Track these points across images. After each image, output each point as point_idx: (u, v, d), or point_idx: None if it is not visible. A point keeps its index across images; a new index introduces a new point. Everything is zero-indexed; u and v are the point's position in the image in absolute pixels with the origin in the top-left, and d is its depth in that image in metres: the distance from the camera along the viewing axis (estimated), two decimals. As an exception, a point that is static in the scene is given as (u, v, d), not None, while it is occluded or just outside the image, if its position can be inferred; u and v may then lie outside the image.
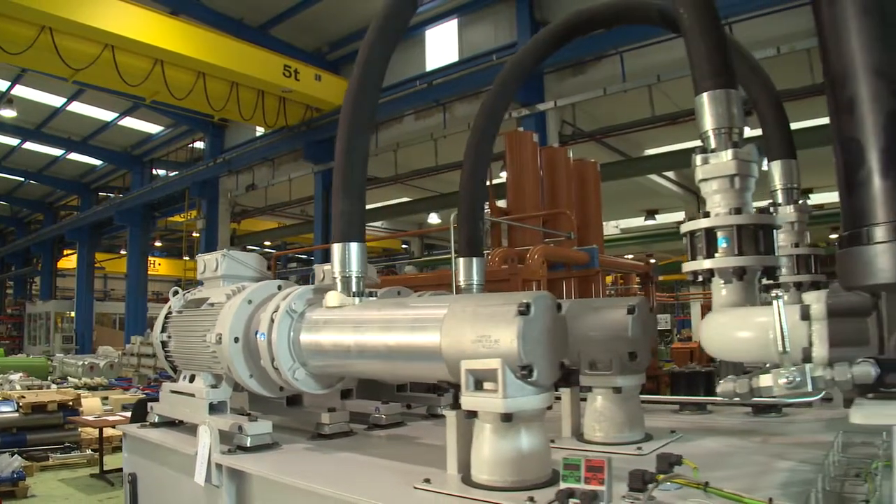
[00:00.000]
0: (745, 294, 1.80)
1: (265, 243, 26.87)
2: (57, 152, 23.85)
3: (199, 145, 21.68)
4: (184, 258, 21.51)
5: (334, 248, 2.57)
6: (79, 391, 12.12)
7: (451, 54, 15.29)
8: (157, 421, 3.45)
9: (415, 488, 1.98)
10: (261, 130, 18.06)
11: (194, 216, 20.20)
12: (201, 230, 19.82)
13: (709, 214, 1.86)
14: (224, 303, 3.01)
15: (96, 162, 25.02)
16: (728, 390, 1.57)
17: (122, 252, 26.59)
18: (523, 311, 1.81)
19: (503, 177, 10.36)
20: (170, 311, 3.47)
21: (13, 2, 10.62)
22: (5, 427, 9.15)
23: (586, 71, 12.89)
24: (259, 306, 2.85)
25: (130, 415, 4.34)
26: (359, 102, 2.58)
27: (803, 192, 3.02)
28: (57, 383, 14.39)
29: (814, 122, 9.93)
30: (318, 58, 16.81)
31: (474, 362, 1.88)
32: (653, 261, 16.88)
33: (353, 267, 2.54)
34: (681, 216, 19.67)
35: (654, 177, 17.19)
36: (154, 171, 23.79)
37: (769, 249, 1.81)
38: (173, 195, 21.03)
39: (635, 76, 11.67)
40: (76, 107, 19.75)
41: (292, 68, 14.77)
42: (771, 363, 1.54)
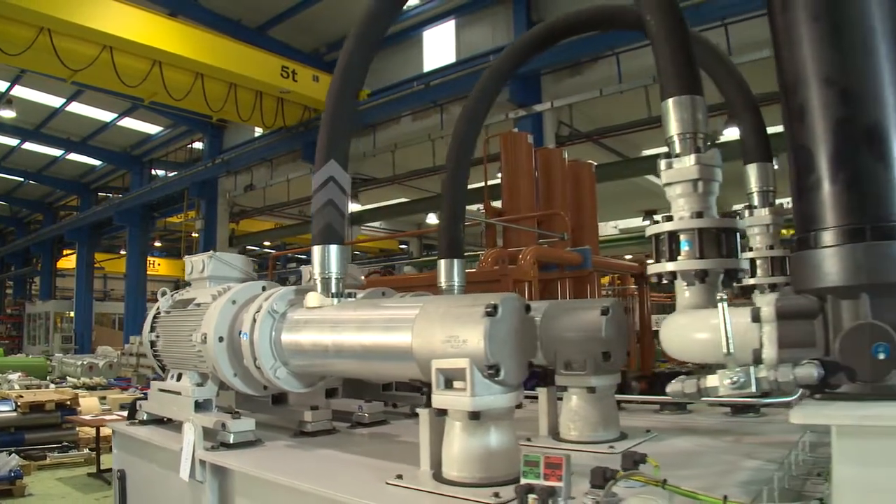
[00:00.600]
0: (708, 296, 1.85)
1: (265, 243, 26.93)
2: (56, 152, 23.92)
3: (199, 146, 21.75)
4: (183, 258, 21.56)
5: (314, 250, 2.62)
6: (77, 391, 12.17)
7: (448, 55, 15.35)
8: (145, 419, 3.50)
9: (387, 484, 2.03)
10: (259, 131, 18.12)
11: (193, 216, 20.26)
12: (200, 230, 19.89)
13: (672, 218, 1.90)
14: (210, 303, 3.06)
15: (96, 162, 25.10)
16: (676, 390, 1.62)
17: (122, 252, 26.65)
18: (490, 312, 1.86)
19: (499, 177, 10.39)
20: (158, 312, 3.52)
21: (12, 3, 10.68)
22: (3, 426, 9.21)
23: (583, 72, 12.94)
24: (243, 307, 2.91)
25: (127, 414, 4.39)
26: (338, 108, 2.63)
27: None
28: (56, 383, 14.43)
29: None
30: (315, 59, 16.87)
31: (444, 362, 1.93)
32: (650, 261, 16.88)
33: (333, 268, 2.59)
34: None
35: (652, 177, 17.22)
36: (153, 172, 23.85)
37: (731, 252, 1.85)
38: (172, 195, 21.08)
39: (631, 77, 11.72)
40: (75, 107, 19.82)
41: (290, 69, 14.83)
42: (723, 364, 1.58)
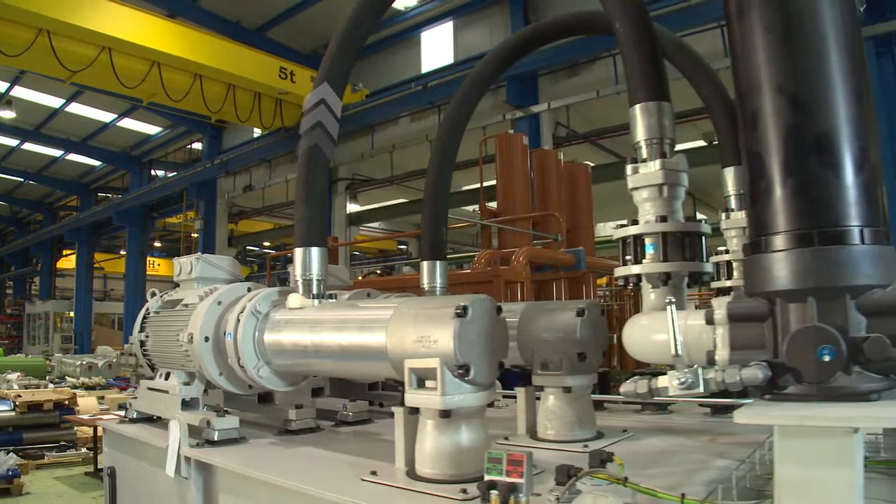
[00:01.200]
0: (673, 298, 1.89)
1: (264, 244, 27.00)
2: (56, 153, 24.00)
3: (198, 146, 21.82)
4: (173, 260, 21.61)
5: (296, 253, 2.67)
6: (75, 391, 12.22)
7: (446, 56, 15.42)
8: (135, 417, 3.56)
9: (362, 480, 2.08)
10: (258, 132, 18.19)
11: (192, 217, 20.33)
12: (199, 231, 19.95)
13: (637, 222, 1.95)
14: (197, 304, 3.11)
15: (95, 162, 25.17)
16: (629, 391, 1.66)
17: (122, 252, 26.72)
18: (460, 313, 1.91)
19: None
20: (147, 312, 3.57)
21: (11, 5, 10.74)
22: (1, 425, 9.27)
23: (580, 73, 12.99)
24: (228, 307, 2.96)
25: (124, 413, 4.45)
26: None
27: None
28: (55, 383, 14.46)
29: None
30: (314, 60, 16.93)
31: (416, 361, 1.98)
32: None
33: (314, 270, 2.64)
34: (677, 218, 19.70)
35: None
36: (153, 172, 23.93)
37: (695, 256, 1.90)
38: (172, 196, 21.16)
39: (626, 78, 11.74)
40: (75, 108, 19.89)
41: (288, 70, 14.89)
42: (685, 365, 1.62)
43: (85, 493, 7.98)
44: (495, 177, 9.87)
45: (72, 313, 27.29)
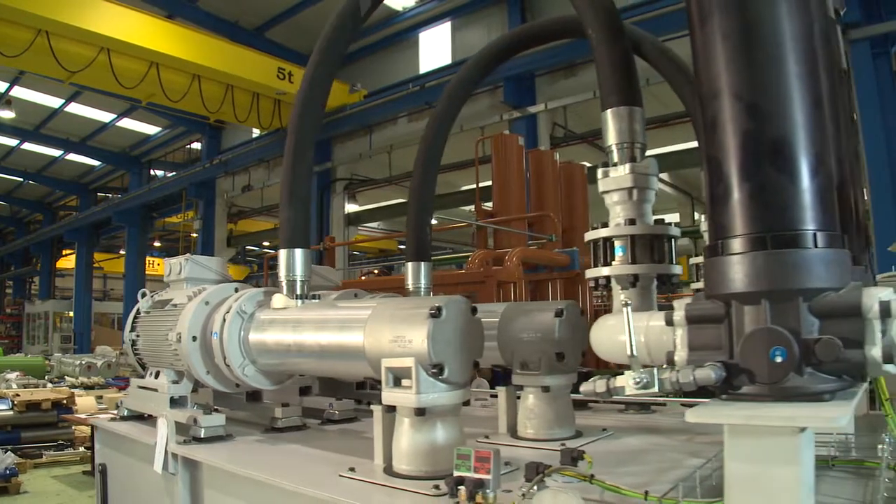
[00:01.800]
0: (641, 299, 1.94)
1: (264, 243, 27.06)
2: (56, 153, 24.06)
3: (197, 146, 21.88)
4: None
5: (280, 254, 2.72)
6: (74, 390, 12.27)
7: (444, 57, 15.47)
8: (126, 414, 3.62)
9: (340, 476, 2.13)
10: (257, 132, 18.24)
11: (192, 217, 20.39)
12: (198, 231, 20.01)
13: (608, 225, 2.00)
14: (185, 304, 3.16)
15: (95, 162, 25.24)
16: (588, 390, 1.71)
17: (121, 252, 26.78)
18: (434, 313, 1.96)
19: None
20: (138, 312, 3.62)
21: (10, 6, 10.80)
22: (0, 424, 9.31)
23: (577, 73, 13.02)
24: (216, 307, 3.01)
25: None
26: (303, 120, 2.73)
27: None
28: (54, 382, 14.51)
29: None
30: (312, 60, 16.94)
31: (392, 361, 2.03)
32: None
33: (298, 271, 2.69)
34: (676, 217, 19.79)
35: (647, 179, 17.28)
36: (152, 172, 24.00)
37: (662, 258, 1.94)
38: (171, 196, 21.22)
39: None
40: (74, 108, 19.96)
41: (286, 71, 14.94)
42: (650, 364, 1.67)
43: (82, 492, 8.03)
44: (491, 177, 9.91)
45: (71, 313, 27.34)
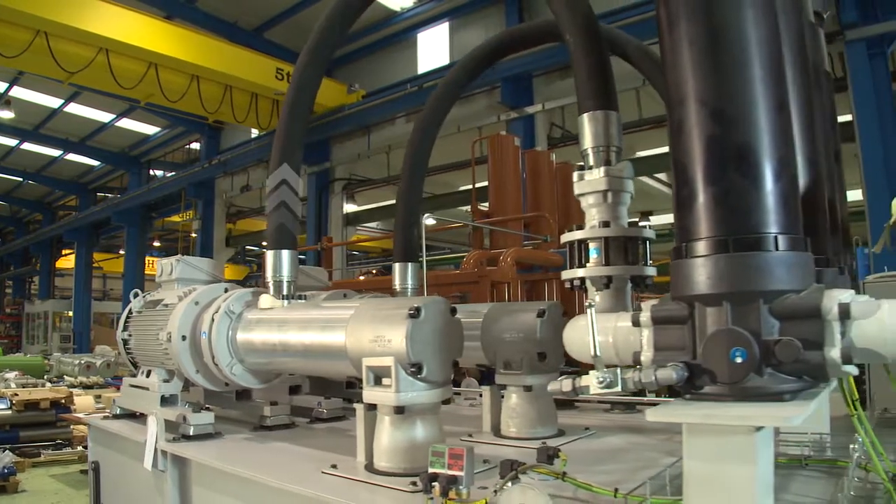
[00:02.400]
0: (615, 300, 1.98)
1: (263, 244, 27.08)
2: (55, 153, 24.11)
3: (196, 146, 21.93)
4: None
5: (267, 255, 2.76)
6: (73, 389, 12.32)
7: (442, 57, 15.51)
8: (118, 413, 3.66)
9: (322, 473, 2.17)
10: (256, 132, 18.28)
11: (191, 216, 20.43)
12: (197, 231, 20.05)
13: (583, 227, 2.04)
14: (176, 304, 3.21)
15: (94, 162, 25.29)
16: (555, 388, 1.75)
17: (121, 252, 26.83)
18: (413, 314, 2.00)
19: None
20: (130, 312, 3.67)
21: (9, 7, 10.85)
22: (-1, 424, 9.37)
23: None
24: (205, 307, 3.05)
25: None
26: (289, 125, 2.78)
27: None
28: (53, 382, 14.57)
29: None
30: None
31: (372, 360, 2.07)
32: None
33: (284, 272, 2.74)
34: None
35: (646, 179, 17.34)
36: (151, 172, 24.05)
37: (636, 260, 1.99)
38: (170, 196, 21.26)
39: (622, 80, 11.75)
40: (74, 108, 20.00)
41: (285, 71, 14.98)
42: (618, 364, 1.71)
43: (80, 491, 8.07)
44: (487, 178, 9.96)
45: (71, 313, 27.40)
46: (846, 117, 10.08)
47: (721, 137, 1.56)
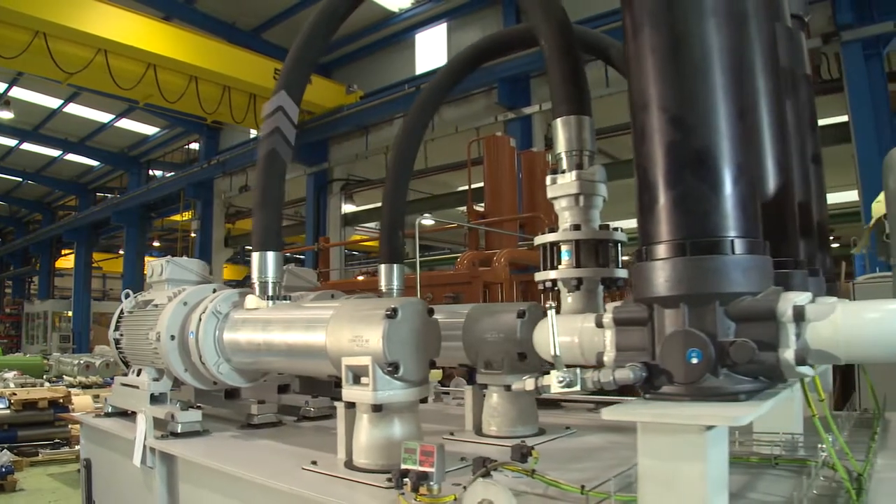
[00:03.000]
0: (586, 302, 2.03)
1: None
2: (55, 153, 24.21)
3: (195, 146, 22.00)
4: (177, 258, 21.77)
5: (253, 256, 2.82)
6: (72, 389, 12.37)
7: (440, 58, 15.57)
8: (110, 411, 3.72)
9: (302, 469, 2.23)
10: (255, 133, 18.34)
11: (190, 217, 20.51)
12: (196, 231, 20.12)
13: (556, 229, 2.09)
14: (165, 304, 3.26)
15: (93, 163, 25.39)
16: (519, 387, 1.80)
17: (120, 252, 26.91)
18: (390, 314, 2.06)
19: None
20: (122, 312, 3.73)
21: (8, 8, 10.92)
22: (-3, 423, 9.43)
23: (572, 75, 13.10)
24: (194, 308, 3.10)
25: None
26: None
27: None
28: (52, 382, 14.62)
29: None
30: (309, 61, 17.02)
31: (351, 359, 2.13)
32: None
33: (269, 273, 2.80)
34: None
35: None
36: (150, 172, 24.13)
37: (606, 262, 2.03)
38: (169, 196, 21.35)
39: (619, 80, 11.82)
40: (73, 108, 20.10)
41: (283, 72, 15.03)
42: (583, 364, 1.76)
43: (77, 490, 8.04)
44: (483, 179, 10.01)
45: (70, 313, 27.48)
46: (842, 118, 10.13)
47: (680, 143, 1.59)
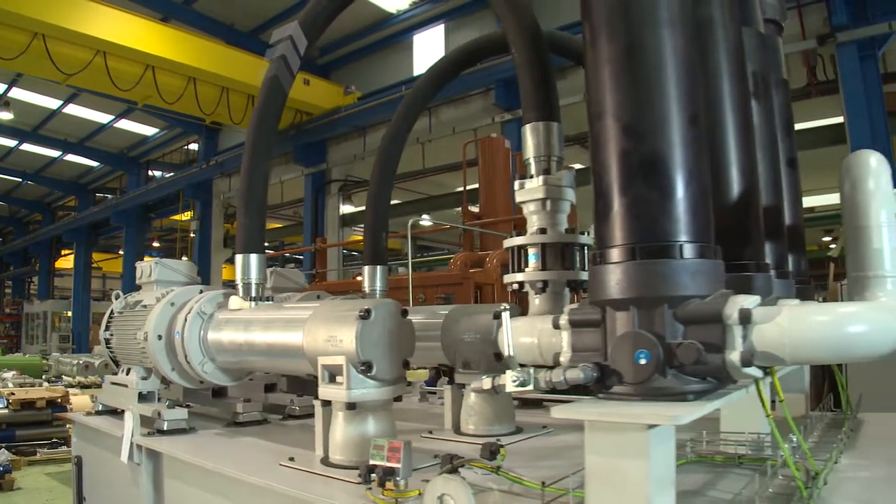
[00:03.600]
0: (552, 304, 2.10)
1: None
2: (54, 153, 24.26)
3: (194, 147, 22.07)
4: (181, 259, 21.85)
5: (237, 258, 2.89)
6: (71, 389, 12.44)
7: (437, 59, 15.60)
8: (100, 409, 3.80)
9: (280, 465, 2.30)
10: (253, 133, 18.38)
11: (189, 217, 20.58)
12: (195, 231, 20.19)
13: (524, 233, 2.16)
14: (153, 305, 3.34)
15: (93, 163, 25.44)
16: (477, 386, 1.87)
17: (120, 252, 26.99)
18: (363, 315, 2.13)
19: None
20: (112, 312, 3.80)
21: (7, 10, 10.99)
22: (-5, 423, 9.50)
23: (567, 77, 13.11)
24: (180, 308, 3.18)
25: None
26: (259, 132, 2.91)
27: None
28: (51, 382, 14.70)
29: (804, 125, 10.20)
30: (306, 63, 17.07)
31: (327, 359, 2.20)
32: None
33: (253, 275, 2.87)
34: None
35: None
36: (150, 173, 24.20)
37: (572, 265, 2.10)
38: (169, 196, 21.41)
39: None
40: (72, 109, 20.15)
41: (281, 73, 15.08)
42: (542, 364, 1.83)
43: (73, 488, 8.20)
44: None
45: (70, 313, 27.56)
46: (838, 119, 10.17)
47: (632, 150, 1.66)
